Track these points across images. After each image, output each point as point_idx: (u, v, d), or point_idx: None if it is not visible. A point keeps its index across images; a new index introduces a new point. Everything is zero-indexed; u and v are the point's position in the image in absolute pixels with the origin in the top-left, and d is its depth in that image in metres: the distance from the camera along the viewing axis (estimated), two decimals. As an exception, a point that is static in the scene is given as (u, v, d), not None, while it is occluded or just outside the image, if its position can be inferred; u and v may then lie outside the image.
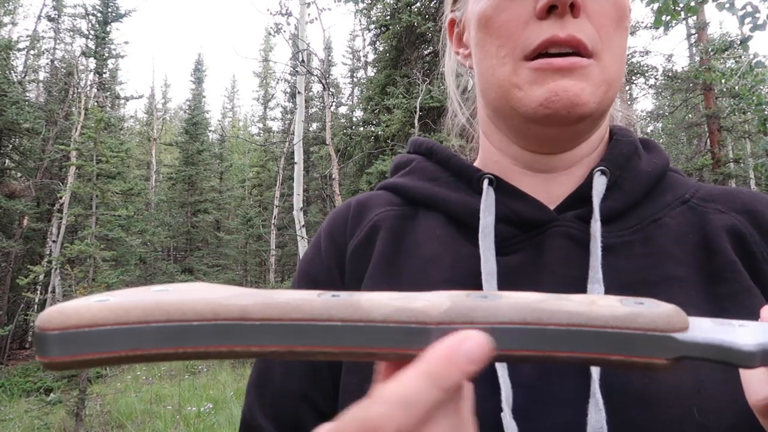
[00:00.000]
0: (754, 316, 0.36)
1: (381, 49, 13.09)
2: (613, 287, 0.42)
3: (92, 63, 15.98)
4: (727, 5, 4.56)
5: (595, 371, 0.38)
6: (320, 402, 0.50)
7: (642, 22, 12.30)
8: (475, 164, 0.57)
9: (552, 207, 0.49)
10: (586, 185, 0.48)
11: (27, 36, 15.41)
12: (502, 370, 0.40)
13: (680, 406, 0.37)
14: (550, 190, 0.50)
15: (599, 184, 0.47)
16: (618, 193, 0.48)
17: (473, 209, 0.48)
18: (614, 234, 0.46)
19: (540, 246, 0.46)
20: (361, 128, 12.50)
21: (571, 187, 0.49)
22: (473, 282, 0.45)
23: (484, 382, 0.40)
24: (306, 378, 0.51)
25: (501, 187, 0.50)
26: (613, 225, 0.47)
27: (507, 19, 0.45)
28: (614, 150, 0.50)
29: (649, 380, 0.39)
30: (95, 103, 14.48)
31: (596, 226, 0.44)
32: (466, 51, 0.55)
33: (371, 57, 19.61)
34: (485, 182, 0.49)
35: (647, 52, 14.15)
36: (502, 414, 0.38)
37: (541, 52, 0.44)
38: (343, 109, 21.87)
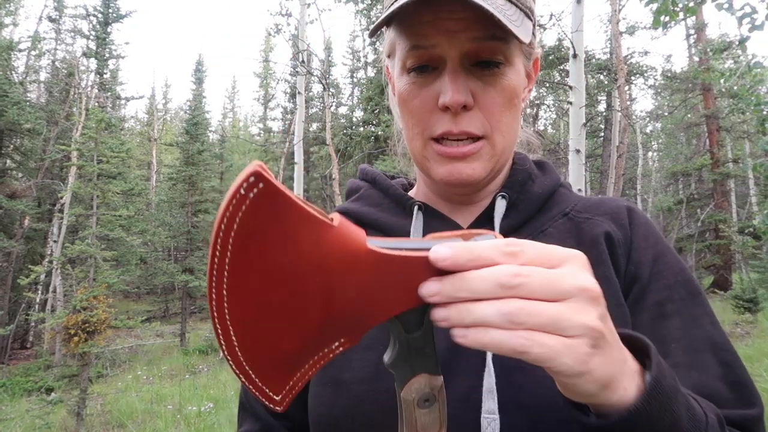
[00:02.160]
0: (606, 299, 0.49)
1: (381, 49, 13.10)
2: None
3: (93, 63, 16.01)
4: (726, 5, 4.58)
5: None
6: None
7: (641, 23, 12.31)
8: (412, 191, 0.72)
9: (467, 225, 0.64)
10: (491, 207, 0.63)
11: (28, 37, 15.43)
12: None
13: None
14: (467, 214, 0.65)
15: (500, 206, 0.61)
16: (515, 212, 0.62)
17: (406, 231, 0.63)
18: None
19: None
20: (361, 128, 12.52)
21: (482, 208, 0.64)
22: None
23: None
24: None
25: (428, 211, 0.64)
26: (513, 237, 0.55)
27: (417, 105, 0.58)
28: (512, 178, 0.65)
29: None
30: (96, 104, 14.50)
31: None
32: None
33: (371, 57, 19.65)
34: (416, 208, 0.64)
35: (646, 53, 14.15)
36: None
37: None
38: (343, 109, 21.88)
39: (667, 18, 4.62)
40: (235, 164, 24.09)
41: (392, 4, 0.56)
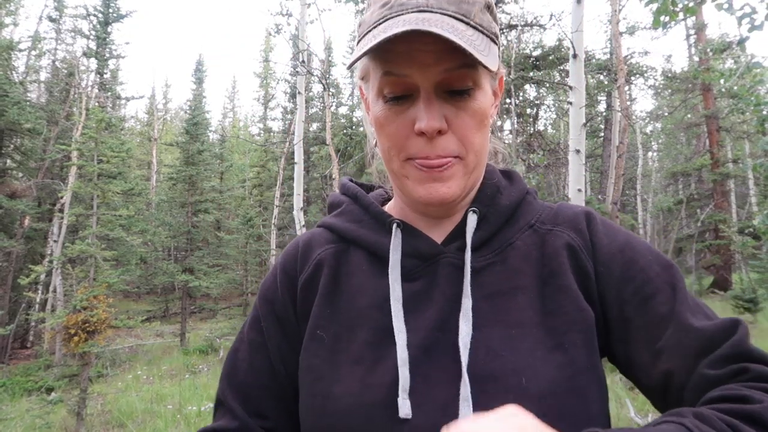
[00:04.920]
0: (567, 305, 0.61)
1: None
2: (479, 297, 0.61)
3: (93, 63, 16.01)
4: (726, 6, 4.58)
5: (464, 358, 0.57)
6: (277, 391, 0.69)
7: (641, 23, 12.31)
8: (390, 205, 0.75)
9: (441, 240, 0.67)
10: (463, 223, 0.67)
11: (28, 37, 15.42)
12: (403, 368, 0.58)
13: (515, 377, 0.56)
14: (441, 229, 0.69)
15: (471, 221, 0.65)
16: (485, 225, 0.66)
17: (387, 248, 0.66)
18: (483, 258, 0.65)
19: (434, 273, 0.65)
20: (361, 128, 12.52)
21: (455, 223, 0.68)
22: (387, 305, 0.63)
23: (387, 374, 0.59)
24: (266, 373, 0.69)
25: (406, 228, 0.67)
26: (482, 250, 0.66)
27: (394, 131, 0.61)
28: (481, 193, 0.69)
29: (498, 363, 0.57)
30: (96, 104, 14.50)
31: (467, 257, 0.63)
32: (371, 118, 0.68)
33: (371, 57, 19.57)
34: (394, 226, 0.67)
35: (646, 53, 14.15)
36: (399, 399, 0.56)
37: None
38: (343, 109, 21.88)
39: (667, 18, 4.63)
40: (235, 164, 24.09)
41: (365, 34, 0.60)
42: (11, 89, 11.89)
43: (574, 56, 3.64)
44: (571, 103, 3.69)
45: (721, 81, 8.22)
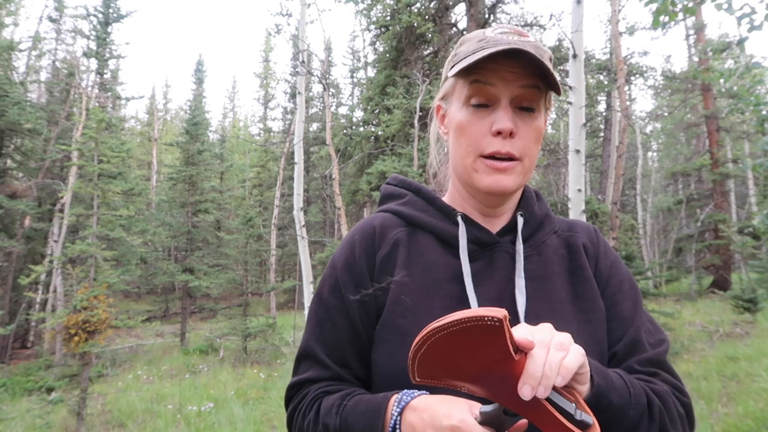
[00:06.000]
0: (591, 291, 0.83)
1: (381, 49, 13.08)
2: (526, 279, 0.79)
3: (93, 64, 16.00)
4: (725, 6, 4.58)
5: (522, 319, 0.75)
6: (358, 345, 0.82)
7: (641, 23, 12.31)
8: (446, 199, 0.91)
9: (494, 231, 0.85)
10: (513, 221, 0.86)
11: (29, 37, 15.42)
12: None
13: None
14: (493, 223, 0.87)
15: (521, 221, 0.86)
16: (527, 226, 0.86)
17: (453, 234, 0.83)
18: (525, 251, 0.84)
19: (491, 257, 0.82)
20: (361, 128, 12.51)
21: (504, 221, 0.87)
22: (457, 279, 0.79)
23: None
24: (348, 329, 0.82)
25: (467, 220, 0.84)
26: (524, 245, 0.84)
27: (474, 131, 0.78)
28: (525, 202, 0.89)
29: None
30: (96, 104, 14.50)
31: (520, 247, 0.83)
32: (445, 130, 0.88)
33: (371, 57, 19.60)
34: (459, 217, 0.84)
35: (646, 53, 14.15)
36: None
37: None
38: (343, 109, 21.89)
39: (667, 18, 4.63)
40: (235, 164, 24.08)
41: (461, 60, 0.77)
42: (11, 89, 11.90)
43: (574, 56, 3.64)
44: (570, 103, 3.70)
45: (721, 81, 8.22)
